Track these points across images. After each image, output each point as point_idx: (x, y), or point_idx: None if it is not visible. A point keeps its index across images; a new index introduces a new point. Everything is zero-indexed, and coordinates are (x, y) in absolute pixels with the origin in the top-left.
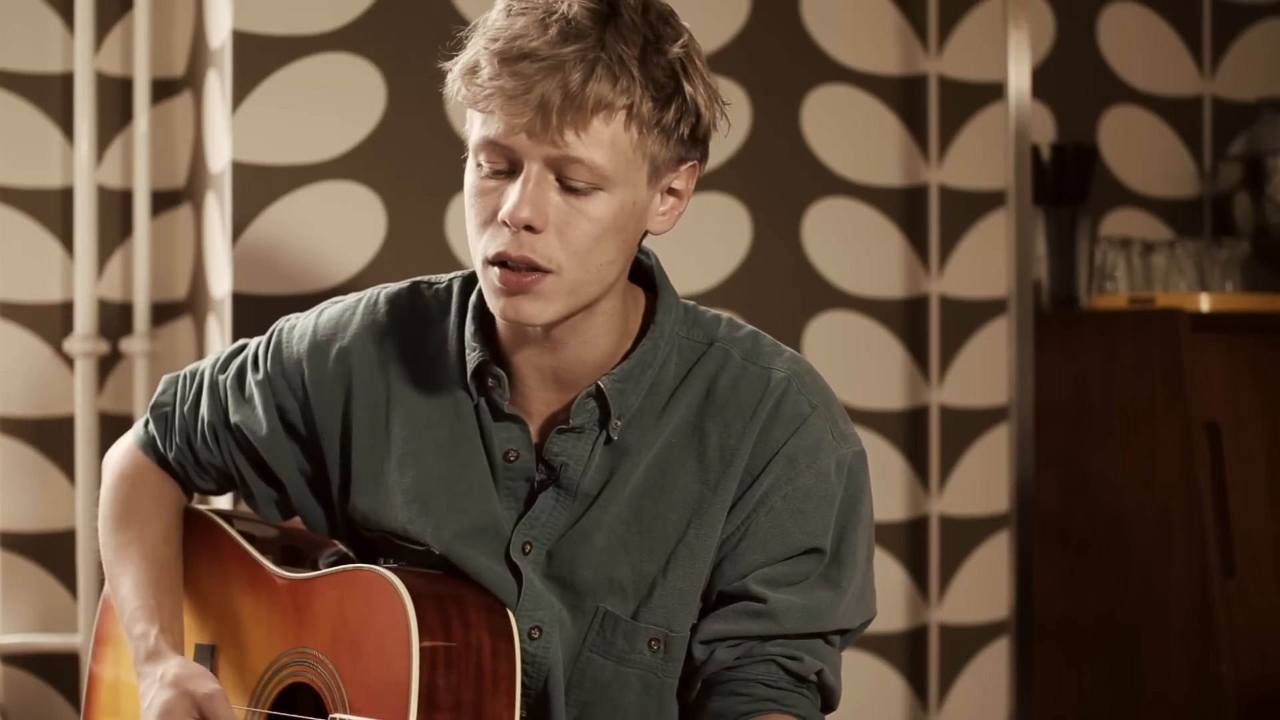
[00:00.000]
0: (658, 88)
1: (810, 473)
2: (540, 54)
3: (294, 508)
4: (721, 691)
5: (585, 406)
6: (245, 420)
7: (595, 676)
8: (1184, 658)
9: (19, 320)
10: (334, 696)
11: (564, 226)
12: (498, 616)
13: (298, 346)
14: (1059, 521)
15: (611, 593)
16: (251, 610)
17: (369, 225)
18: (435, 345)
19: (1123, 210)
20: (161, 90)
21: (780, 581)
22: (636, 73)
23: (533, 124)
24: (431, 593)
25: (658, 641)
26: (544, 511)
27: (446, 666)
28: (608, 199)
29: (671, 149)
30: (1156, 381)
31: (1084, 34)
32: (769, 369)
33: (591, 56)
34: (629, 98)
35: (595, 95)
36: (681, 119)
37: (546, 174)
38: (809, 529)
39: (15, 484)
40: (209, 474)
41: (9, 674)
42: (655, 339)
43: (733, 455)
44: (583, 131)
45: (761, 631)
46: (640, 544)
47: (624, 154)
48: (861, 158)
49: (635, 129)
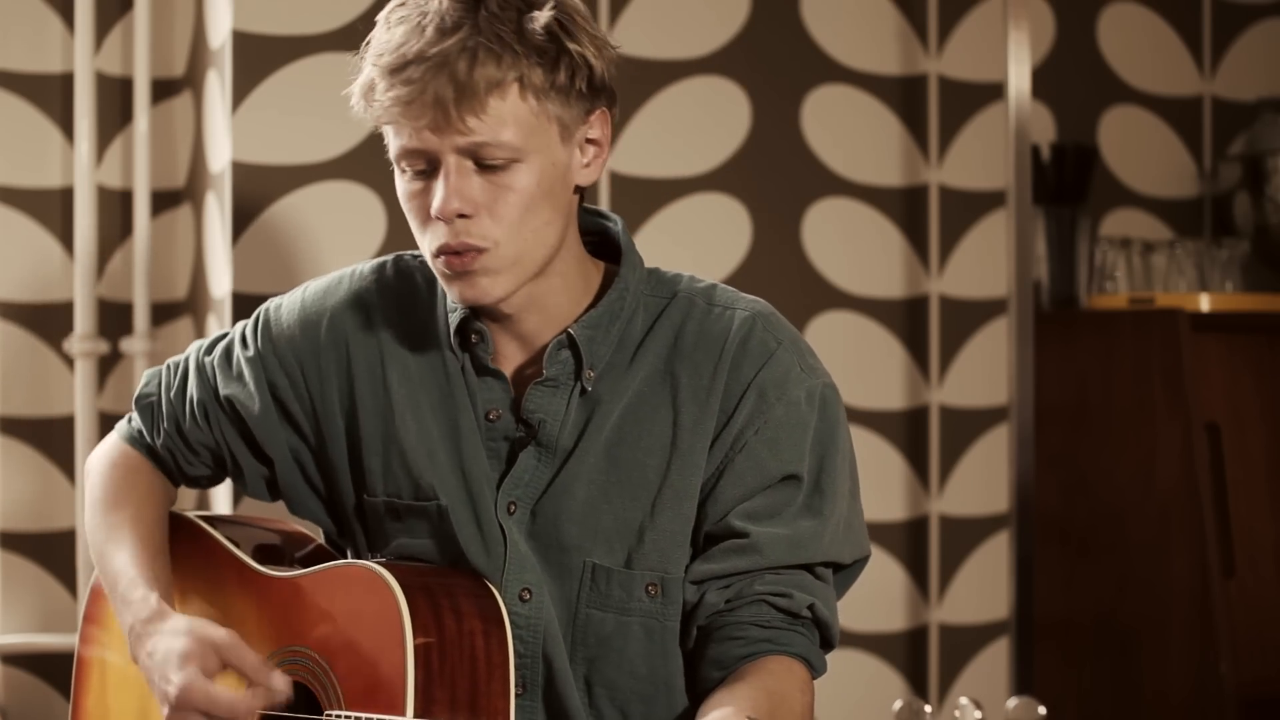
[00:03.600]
0: (541, 53)
1: (781, 404)
2: (424, 55)
3: (280, 486)
4: (717, 638)
5: (558, 356)
6: (236, 395)
7: (598, 631)
8: (1184, 658)
9: (19, 320)
10: (328, 693)
11: (493, 204)
12: (487, 602)
13: (287, 322)
14: (1059, 521)
15: (597, 544)
16: (240, 610)
17: (369, 225)
18: (422, 310)
19: (1123, 210)
20: (161, 90)
21: (761, 515)
22: (517, 46)
23: (435, 121)
24: (422, 584)
25: (654, 586)
26: (526, 470)
27: (441, 657)
28: (526, 168)
29: (574, 105)
30: (1156, 381)
31: (1084, 34)
32: (732, 309)
33: (471, 44)
34: (516, 71)
35: (483, 78)
36: (575, 75)
37: (463, 161)
38: (783, 457)
39: (15, 484)
40: (199, 456)
41: (9, 674)
42: (621, 290)
43: (706, 395)
44: (482, 114)
45: (748, 566)
46: (621, 492)
47: (528, 123)
48: (861, 158)
49: (531, 98)
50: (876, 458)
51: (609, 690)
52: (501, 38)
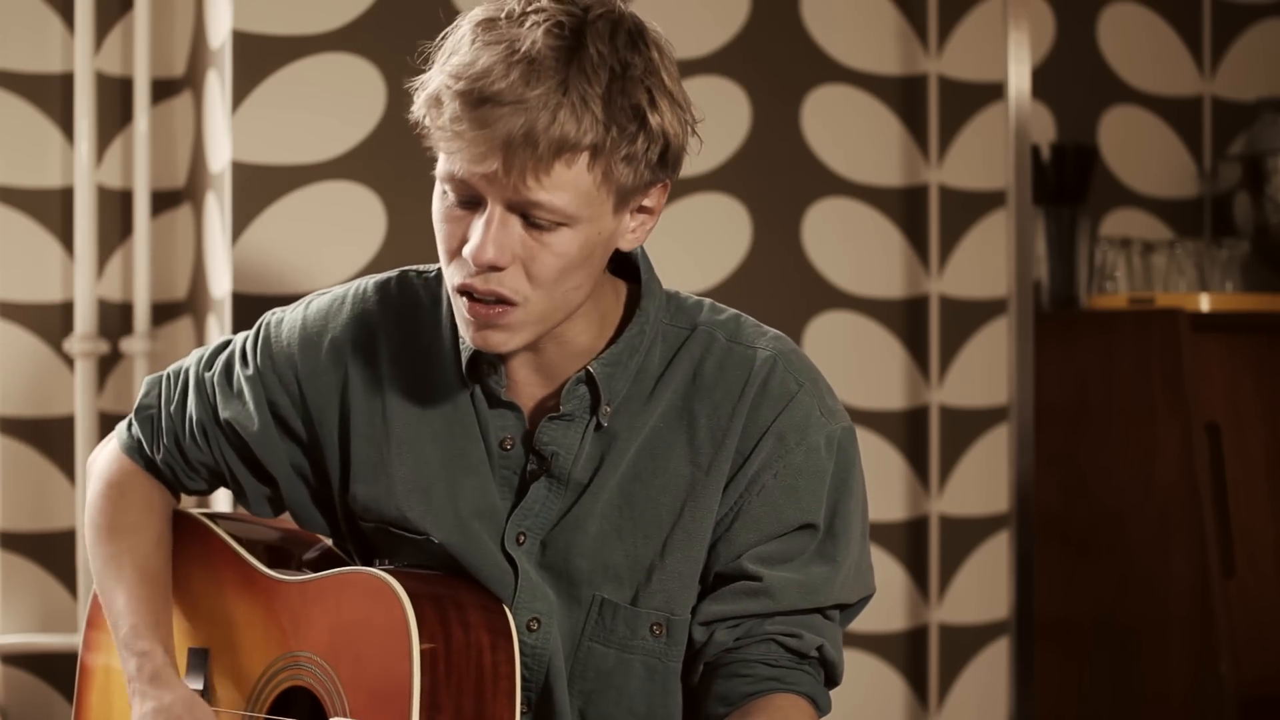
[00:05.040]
0: (623, 125)
1: (800, 449)
2: (503, 98)
3: (286, 504)
4: (724, 674)
5: (575, 393)
6: (236, 416)
7: (598, 665)
8: (1184, 658)
9: (19, 320)
10: (333, 700)
11: (529, 261)
12: (496, 616)
13: (288, 340)
14: (1059, 521)
15: (607, 580)
16: (246, 614)
17: (369, 225)
18: (428, 333)
19: (1123, 210)
20: (161, 90)
21: (775, 559)
22: (600, 114)
23: (494, 169)
24: (430, 594)
25: (660, 626)
26: (537, 502)
27: (447, 668)
28: (572, 234)
29: (639, 176)
30: (1156, 381)
31: (1084, 34)
32: (754, 349)
33: (554, 101)
34: (593, 138)
35: (558, 140)
36: (649, 148)
37: (510, 214)
38: (801, 505)
39: (15, 484)
40: (199, 473)
41: (9, 674)
42: (641, 324)
43: (723, 436)
44: (544, 176)
45: (759, 610)
46: (634, 530)
47: (587, 194)
48: (861, 158)
49: (600, 168)
50: (876, 458)
51: None
52: (586, 100)
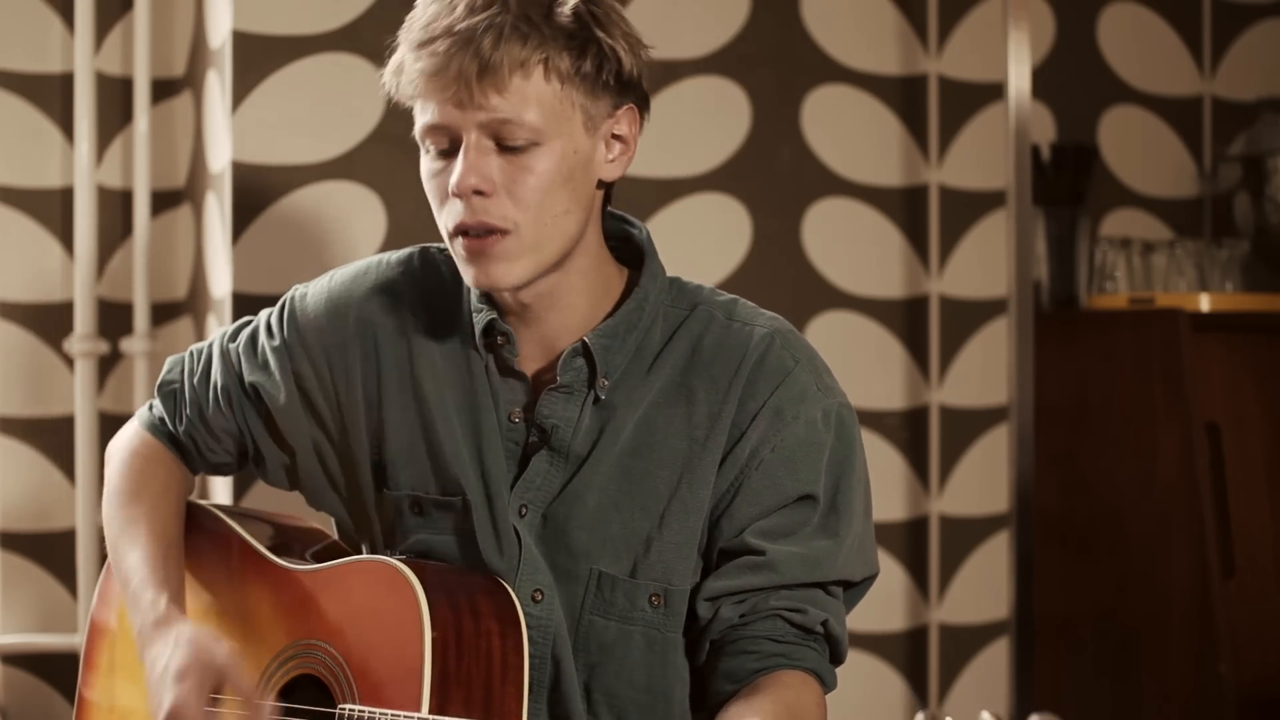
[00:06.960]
0: (569, 38)
1: (798, 423)
2: (452, 30)
3: (300, 475)
4: (730, 651)
5: (572, 364)
6: (261, 383)
7: (599, 638)
8: (1184, 657)
9: (19, 320)
10: (341, 688)
11: (511, 185)
12: (505, 604)
13: (314, 311)
14: (1059, 521)
15: (605, 552)
16: (255, 601)
17: (369, 225)
18: (448, 305)
19: (1123, 210)
20: (161, 90)
21: (777, 533)
22: (544, 28)
23: (458, 95)
24: (441, 582)
25: (658, 597)
26: (538, 474)
27: (458, 656)
28: (547, 151)
29: (600, 96)
30: (1156, 381)
31: (1084, 34)
32: (751, 326)
33: (499, 21)
34: (541, 52)
35: (508, 56)
36: (602, 66)
37: (484, 140)
38: (800, 477)
39: (15, 484)
40: (221, 442)
41: (9, 674)
42: (640, 300)
43: (720, 411)
44: (505, 92)
45: (762, 583)
46: (631, 502)
47: (551, 105)
48: (861, 158)
49: (556, 80)
50: (876, 458)
51: (608, 698)
52: (529, 18)
